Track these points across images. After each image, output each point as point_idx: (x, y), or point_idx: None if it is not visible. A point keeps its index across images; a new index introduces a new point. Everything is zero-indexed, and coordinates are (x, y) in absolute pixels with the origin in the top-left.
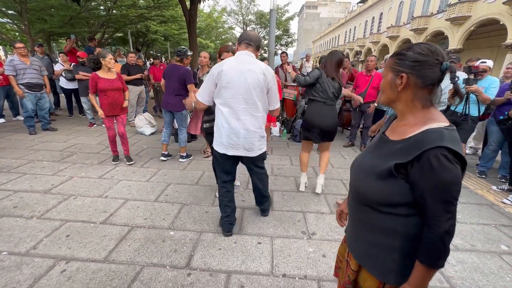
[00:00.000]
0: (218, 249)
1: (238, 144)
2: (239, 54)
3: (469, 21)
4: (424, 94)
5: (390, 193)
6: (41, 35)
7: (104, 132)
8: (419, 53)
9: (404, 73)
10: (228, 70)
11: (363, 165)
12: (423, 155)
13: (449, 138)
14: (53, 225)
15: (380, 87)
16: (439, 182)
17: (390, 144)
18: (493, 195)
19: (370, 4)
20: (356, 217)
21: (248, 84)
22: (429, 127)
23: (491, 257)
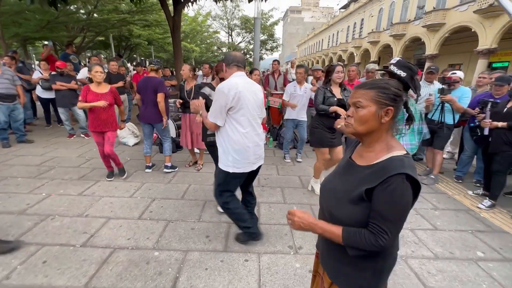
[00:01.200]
0: (204, 269)
1: (260, 155)
2: (239, 75)
3: (444, 28)
4: (393, 124)
5: (361, 216)
6: (15, 39)
7: (85, 143)
8: (396, 88)
9: (391, 107)
10: (245, 92)
11: (335, 190)
12: (387, 179)
13: (408, 165)
14: (29, 250)
15: (358, 118)
16: (395, 205)
17: (358, 169)
18: (469, 200)
19: (351, 11)
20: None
21: (258, 102)
22: (392, 155)
23: (468, 265)
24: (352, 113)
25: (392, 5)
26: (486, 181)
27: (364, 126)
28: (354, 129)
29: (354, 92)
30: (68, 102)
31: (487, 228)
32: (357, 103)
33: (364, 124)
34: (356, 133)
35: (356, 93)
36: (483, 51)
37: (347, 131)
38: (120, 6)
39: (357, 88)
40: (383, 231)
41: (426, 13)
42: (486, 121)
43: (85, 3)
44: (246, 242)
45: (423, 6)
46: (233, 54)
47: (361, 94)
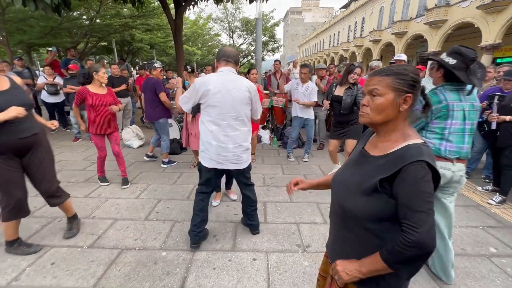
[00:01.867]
0: (212, 269)
1: (227, 159)
2: (222, 71)
3: (446, 24)
4: (411, 112)
5: (375, 208)
6: (20, 46)
7: (90, 146)
8: (414, 73)
9: (410, 94)
10: (215, 90)
11: (346, 182)
12: (405, 168)
13: (426, 153)
14: (37, 252)
15: (375, 107)
16: (419, 191)
17: (371, 160)
18: (479, 196)
19: (352, 10)
20: (340, 234)
21: (235, 101)
22: (409, 143)
23: (481, 261)
24: (368, 101)
25: (393, 3)
26: (495, 176)
27: (381, 115)
28: (371, 118)
29: (369, 79)
30: None
31: (498, 223)
32: (373, 90)
33: (381, 113)
34: (372, 122)
35: (371, 80)
36: (487, 47)
37: (362, 121)
38: (122, 11)
39: (372, 75)
40: (412, 224)
41: (428, 10)
42: (493, 115)
43: (88, 9)
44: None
45: (426, 7)
46: (223, 49)
47: (377, 81)
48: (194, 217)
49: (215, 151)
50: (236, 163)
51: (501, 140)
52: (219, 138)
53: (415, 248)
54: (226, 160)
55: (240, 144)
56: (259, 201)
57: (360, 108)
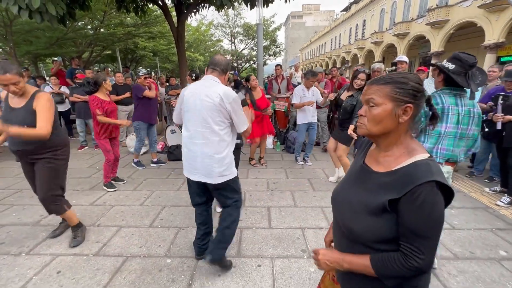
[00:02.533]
0: (217, 276)
1: (197, 169)
2: (204, 79)
3: (448, 24)
4: (413, 124)
5: (385, 230)
6: (27, 56)
7: (95, 154)
8: (416, 82)
9: (410, 104)
10: (188, 95)
11: (350, 201)
12: (415, 189)
13: (436, 171)
14: (43, 261)
15: (372, 117)
16: (428, 219)
17: (375, 176)
18: (487, 197)
19: (353, 12)
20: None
21: (203, 107)
22: (416, 159)
23: (491, 264)
24: (365, 112)
25: (393, 5)
26: (503, 177)
27: (378, 126)
28: (368, 130)
29: (367, 88)
30: (84, 113)
31: (508, 226)
32: (370, 100)
33: (378, 124)
34: (370, 134)
35: (369, 89)
36: (491, 46)
37: (359, 132)
38: (126, 20)
39: (370, 83)
40: (417, 251)
41: (429, 10)
42: (498, 115)
43: (92, 19)
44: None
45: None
46: (213, 57)
47: (375, 90)
48: (197, 230)
49: (185, 158)
50: (207, 176)
51: (507, 140)
52: (188, 146)
53: (414, 272)
54: (196, 171)
55: (209, 154)
56: (263, 206)
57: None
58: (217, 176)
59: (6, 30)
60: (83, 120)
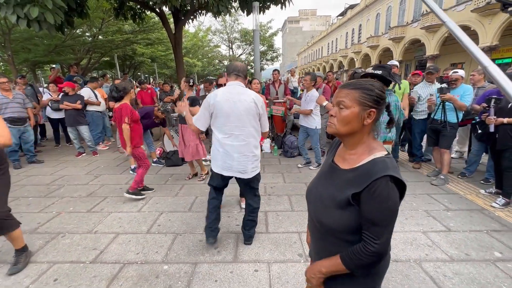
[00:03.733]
0: (214, 281)
1: (232, 167)
2: (230, 85)
3: (443, 28)
4: (375, 126)
5: (350, 221)
6: (25, 64)
7: (92, 161)
8: (380, 90)
9: (374, 109)
10: (221, 101)
11: (321, 196)
12: (372, 183)
13: (391, 166)
14: (40, 269)
15: (341, 118)
16: (383, 209)
17: (341, 173)
18: (482, 199)
19: (349, 17)
20: (321, 246)
21: (240, 112)
22: (375, 157)
23: (486, 266)
24: (335, 113)
25: (388, 9)
26: (497, 179)
27: (346, 127)
28: (337, 129)
29: (338, 91)
30: (73, 121)
31: (503, 227)
32: (340, 102)
33: (346, 125)
34: (338, 133)
35: (340, 92)
36: (484, 49)
37: (329, 131)
38: (124, 27)
39: (341, 87)
40: (372, 237)
41: (423, 14)
42: (490, 117)
43: (90, 26)
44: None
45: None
46: (234, 64)
47: (345, 93)
48: (210, 215)
49: (221, 158)
50: (241, 173)
51: (500, 142)
52: (224, 147)
53: (373, 257)
54: (231, 168)
55: (245, 154)
56: (260, 210)
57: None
58: (250, 172)
59: (5, 38)
60: (74, 127)
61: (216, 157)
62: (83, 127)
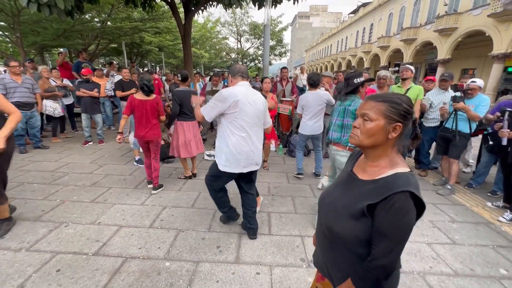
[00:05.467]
0: (215, 282)
1: (253, 161)
2: (242, 85)
3: (456, 32)
4: (400, 140)
5: (362, 232)
6: (34, 47)
7: (98, 149)
8: (408, 104)
9: (400, 123)
10: (245, 101)
11: (334, 204)
12: (391, 196)
13: (413, 184)
14: (43, 258)
15: (365, 131)
16: (398, 223)
17: (360, 184)
18: (489, 212)
19: (361, 15)
20: (329, 256)
21: (257, 111)
22: (397, 171)
23: (491, 283)
24: (359, 124)
25: (402, 9)
26: (506, 193)
27: (370, 139)
28: (360, 141)
29: (364, 103)
30: (90, 108)
31: (509, 243)
32: (366, 115)
33: (370, 137)
34: (361, 145)
35: (366, 104)
36: (498, 56)
37: (351, 142)
38: (133, 15)
39: (368, 99)
40: (383, 251)
41: (438, 17)
42: (503, 130)
43: (100, 12)
44: (225, 222)
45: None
46: (238, 66)
47: (372, 106)
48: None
49: (245, 156)
50: (257, 165)
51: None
52: (249, 144)
53: (382, 271)
54: (252, 163)
55: (259, 148)
56: (264, 211)
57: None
58: (260, 163)
59: (14, 20)
60: (89, 115)
61: (238, 156)
62: (98, 116)
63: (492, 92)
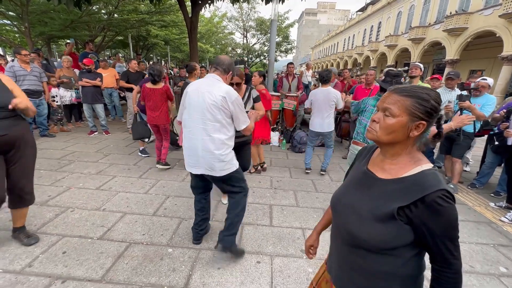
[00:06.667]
0: (217, 269)
1: (199, 163)
2: (206, 77)
3: (466, 32)
4: (420, 138)
5: (391, 237)
6: (41, 37)
7: (103, 139)
8: (436, 101)
9: (424, 121)
10: (190, 92)
11: (355, 207)
12: (428, 197)
13: (442, 180)
14: (50, 240)
15: (385, 126)
16: (449, 223)
17: (381, 183)
18: (491, 212)
19: (369, 13)
20: (348, 261)
21: (205, 104)
22: (423, 169)
23: (490, 280)
24: (379, 119)
25: (411, 8)
26: (510, 193)
27: (389, 136)
28: (378, 137)
29: (387, 95)
30: (92, 98)
31: (510, 242)
32: (387, 109)
33: (390, 134)
34: (379, 141)
35: (389, 97)
36: (508, 57)
37: (368, 137)
38: (140, 7)
39: (392, 92)
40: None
41: (447, 17)
42: (509, 130)
43: (107, 4)
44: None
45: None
46: (217, 57)
47: (396, 100)
48: (195, 216)
49: (187, 154)
50: (210, 170)
51: None
52: (189, 141)
53: (459, 274)
54: (197, 164)
55: (210, 151)
56: (265, 203)
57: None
58: (219, 170)
59: (22, 10)
60: (90, 105)
61: (185, 153)
62: (99, 106)
63: (500, 94)
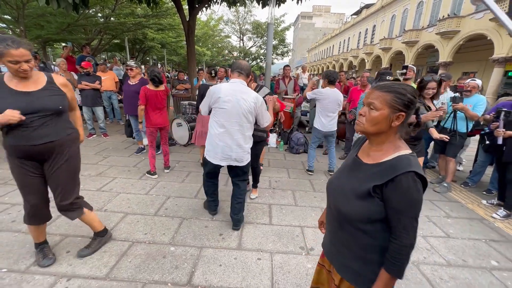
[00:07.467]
0: (218, 265)
1: (231, 157)
2: (233, 82)
3: (458, 35)
4: (402, 127)
5: (369, 211)
6: (37, 41)
7: (102, 142)
8: (412, 94)
9: (403, 113)
10: (225, 98)
11: (342, 187)
12: (397, 178)
13: (414, 164)
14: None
15: (370, 119)
16: (410, 201)
17: (365, 167)
18: (483, 209)
19: (363, 17)
20: (337, 236)
21: (242, 110)
22: (400, 154)
23: (482, 273)
24: (365, 112)
25: (405, 12)
26: (500, 191)
27: (374, 127)
28: (365, 128)
29: (370, 92)
30: (91, 101)
31: (501, 238)
32: (371, 104)
33: (375, 125)
34: (366, 132)
35: (372, 93)
36: (499, 60)
37: (356, 129)
38: (136, 10)
39: (374, 88)
40: (405, 229)
41: (440, 20)
42: (499, 130)
43: (104, 7)
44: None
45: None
46: (238, 62)
47: (377, 95)
48: (209, 196)
49: (221, 150)
50: (238, 161)
51: (507, 155)
52: (225, 140)
53: (409, 248)
54: (230, 159)
55: (242, 145)
56: (265, 203)
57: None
58: (246, 161)
59: (18, 13)
60: (90, 107)
61: (214, 148)
62: (99, 108)
63: (492, 96)
